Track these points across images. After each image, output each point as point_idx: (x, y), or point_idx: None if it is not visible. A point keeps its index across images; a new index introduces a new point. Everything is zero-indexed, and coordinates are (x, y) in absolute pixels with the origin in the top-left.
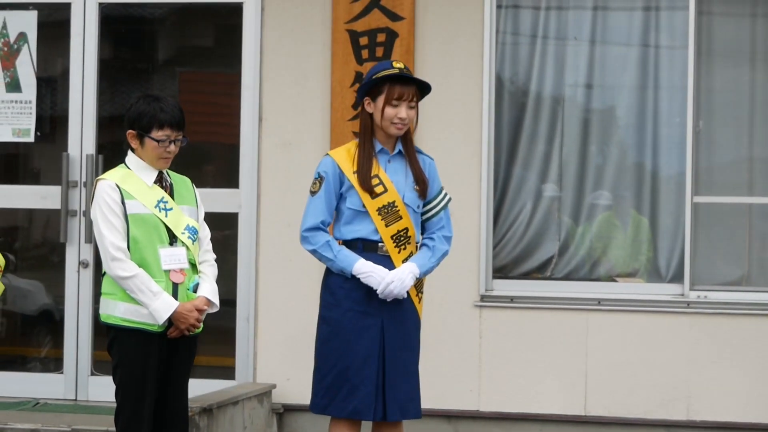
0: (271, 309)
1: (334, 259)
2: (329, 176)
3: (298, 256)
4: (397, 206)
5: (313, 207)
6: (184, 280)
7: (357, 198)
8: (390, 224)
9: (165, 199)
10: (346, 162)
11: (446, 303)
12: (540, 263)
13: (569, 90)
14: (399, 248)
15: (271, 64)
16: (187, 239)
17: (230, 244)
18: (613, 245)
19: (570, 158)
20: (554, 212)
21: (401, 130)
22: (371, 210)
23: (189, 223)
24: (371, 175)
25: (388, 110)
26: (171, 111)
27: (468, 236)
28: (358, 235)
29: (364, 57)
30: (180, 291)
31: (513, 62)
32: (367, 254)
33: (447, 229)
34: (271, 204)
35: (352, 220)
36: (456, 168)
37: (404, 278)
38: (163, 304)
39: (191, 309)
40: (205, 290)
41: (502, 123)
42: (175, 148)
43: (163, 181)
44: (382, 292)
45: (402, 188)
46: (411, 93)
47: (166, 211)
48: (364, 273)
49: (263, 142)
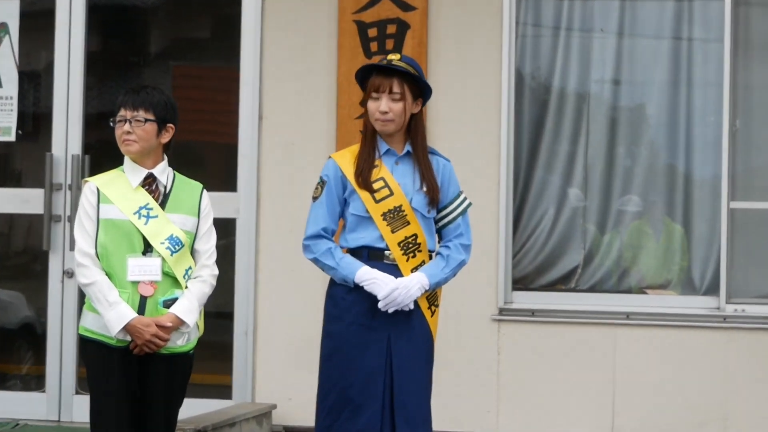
0: (271, 323)
1: (336, 268)
2: (331, 180)
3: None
4: (403, 210)
5: (315, 214)
6: (153, 293)
7: (360, 203)
8: (397, 230)
9: (149, 205)
10: (349, 164)
11: (462, 317)
12: (563, 274)
13: (595, 86)
14: (407, 256)
15: (272, 58)
16: (165, 250)
17: (227, 252)
18: (643, 254)
19: (596, 160)
20: (579, 219)
21: (387, 126)
22: (375, 215)
23: (173, 233)
24: (372, 177)
25: (370, 104)
26: (132, 92)
27: (485, 245)
28: (363, 243)
29: (373, 50)
30: (148, 304)
31: (534, 56)
32: (373, 263)
33: (465, 237)
34: (272, 209)
35: (357, 227)
36: (473, 171)
37: (410, 287)
38: (116, 315)
39: (149, 324)
40: (177, 306)
41: (522, 122)
42: (132, 129)
43: (154, 184)
44: (385, 300)
45: (410, 191)
46: (390, 84)
47: (148, 218)
48: (367, 280)
49: (263, 142)
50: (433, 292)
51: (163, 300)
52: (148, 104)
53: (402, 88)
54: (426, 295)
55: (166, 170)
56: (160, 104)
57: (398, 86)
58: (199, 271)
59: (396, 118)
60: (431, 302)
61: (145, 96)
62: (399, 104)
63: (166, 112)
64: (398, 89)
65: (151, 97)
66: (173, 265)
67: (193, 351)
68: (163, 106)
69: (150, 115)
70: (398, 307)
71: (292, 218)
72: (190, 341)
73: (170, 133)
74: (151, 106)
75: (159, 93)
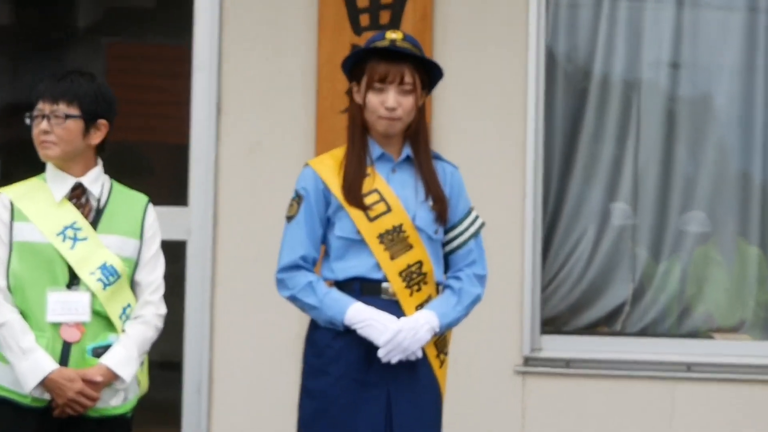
0: (230, 376)
1: (319, 307)
2: (310, 194)
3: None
4: (405, 231)
5: (291, 238)
6: (80, 338)
7: (349, 222)
8: (397, 256)
9: (77, 224)
10: (332, 173)
11: (477, 368)
12: (607, 313)
13: (648, 71)
14: (411, 289)
15: (234, 35)
16: (96, 282)
17: (176, 285)
18: (709, 287)
19: (649, 167)
20: (627, 242)
21: (393, 125)
22: (369, 237)
23: (107, 261)
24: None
25: (371, 97)
26: (53, 80)
27: (507, 275)
28: (354, 273)
29: (364, 24)
30: (73, 353)
31: (570, 32)
32: (367, 298)
33: (479, 266)
34: (233, 230)
35: (345, 254)
36: (490, 181)
37: (417, 329)
38: (31, 365)
39: (73, 378)
40: (110, 356)
41: (554, 118)
42: (51, 127)
43: (84, 197)
44: (387, 348)
45: (412, 206)
46: (401, 73)
47: (74, 240)
48: (360, 322)
49: (223, 143)
50: (442, 337)
51: (92, 347)
52: (71, 95)
53: (414, 78)
54: (434, 340)
55: (99, 179)
56: (88, 95)
57: (410, 75)
58: (140, 310)
59: (405, 116)
60: (440, 349)
61: (68, 85)
62: (410, 98)
63: (96, 105)
64: (410, 79)
65: (77, 86)
66: (106, 301)
67: (131, 413)
68: (92, 97)
69: (74, 109)
70: (404, 355)
71: (258, 242)
72: (128, 401)
73: (103, 132)
74: (76, 98)
75: (88, 81)
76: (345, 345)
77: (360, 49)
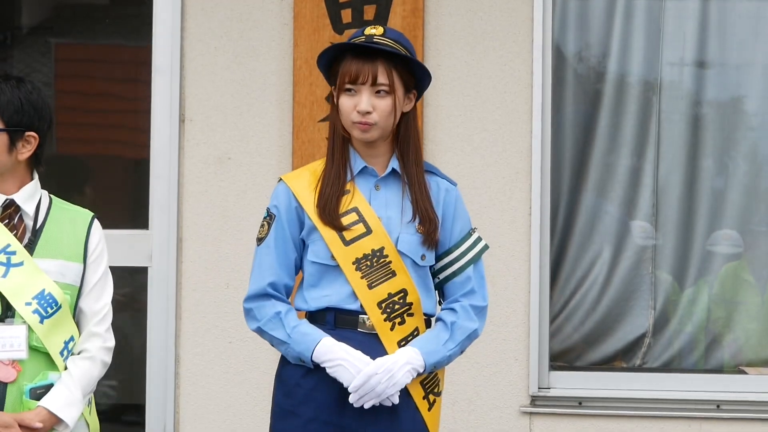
0: (198, 418)
1: (287, 342)
2: (282, 214)
3: (242, 334)
4: (386, 255)
5: (260, 263)
6: (16, 378)
7: (323, 245)
8: (376, 284)
9: (11, 247)
10: (307, 189)
11: (479, 409)
12: (624, 346)
13: (669, 70)
14: (392, 322)
15: (199, 33)
16: (32, 314)
17: (136, 316)
18: (741, 315)
19: (671, 179)
20: (647, 265)
21: (368, 132)
22: (344, 263)
23: (45, 289)
24: (341, 207)
25: (343, 101)
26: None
27: (511, 304)
28: (328, 303)
29: (345, 21)
30: (9, 394)
31: (581, 27)
32: (342, 331)
33: (479, 296)
34: (200, 254)
35: (319, 281)
36: (491, 195)
37: (394, 371)
38: None
39: (9, 424)
40: (50, 398)
41: (563, 123)
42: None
43: (17, 217)
44: (357, 394)
45: (395, 227)
46: (373, 72)
47: (8, 266)
48: (329, 361)
49: (187, 156)
50: (431, 376)
51: (30, 387)
52: (17, 112)
53: (390, 78)
54: (420, 379)
55: (35, 195)
56: (11, 105)
57: (385, 75)
58: (85, 343)
59: (381, 121)
60: (429, 389)
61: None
62: (386, 100)
63: (21, 115)
64: (385, 79)
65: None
66: (45, 335)
67: None
68: (16, 107)
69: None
70: (378, 400)
71: (227, 268)
72: None
73: (33, 145)
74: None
75: (12, 87)
76: (316, 384)
77: (331, 46)
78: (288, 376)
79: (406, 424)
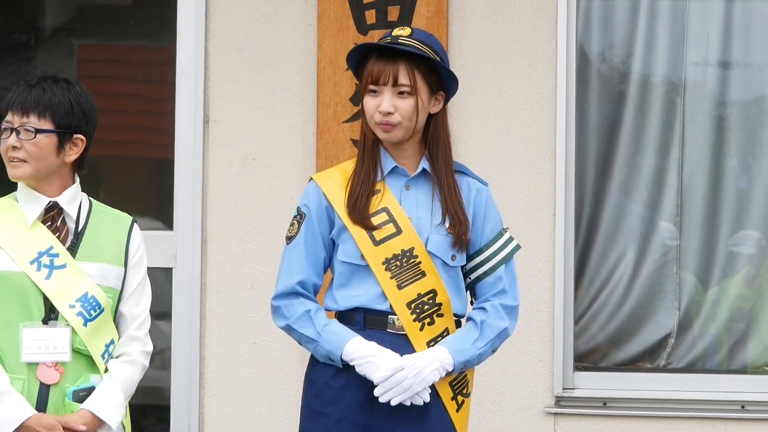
0: (223, 420)
1: (317, 340)
2: (312, 213)
3: (267, 335)
4: (416, 256)
5: (289, 261)
6: (59, 380)
7: (353, 245)
8: (406, 284)
9: (54, 249)
10: (338, 189)
11: (503, 409)
12: (648, 346)
13: (694, 71)
14: (421, 322)
15: (223, 35)
16: (76, 317)
17: (160, 316)
18: (765, 316)
19: (695, 179)
20: (671, 265)
21: (391, 132)
22: (374, 263)
23: (89, 292)
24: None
25: (367, 101)
26: (25, 88)
27: (535, 304)
28: (357, 303)
29: (370, 22)
30: (52, 397)
31: (605, 27)
32: (372, 332)
33: (510, 296)
34: (224, 255)
35: (349, 281)
36: (515, 196)
37: (422, 367)
38: (6, 411)
39: (53, 426)
40: (94, 401)
41: (587, 123)
42: (20, 143)
43: (60, 219)
44: (384, 386)
45: (426, 228)
46: (395, 72)
47: (51, 268)
48: (359, 358)
49: (211, 157)
50: (461, 376)
51: (73, 390)
52: (43, 107)
53: (413, 79)
54: (450, 379)
55: (77, 198)
56: (62, 107)
57: (407, 75)
58: (125, 347)
59: (404, 121)
60: (458, 390)
61: (39, 94)
62: (408, 101)
63: (71, 118)
64: (407, 80)
65: (50, 95)
66: (88, 338)
67: None
68: (66, 109)
69: (45, 122)
70: (405, 398)
71: (252, 268)
72: None
73: (80, 148)
74: (48, 110)
75: (63, 89)
76: (345, 384)
77: (355, 47)
78: (317, 376)
79: (435, 425)
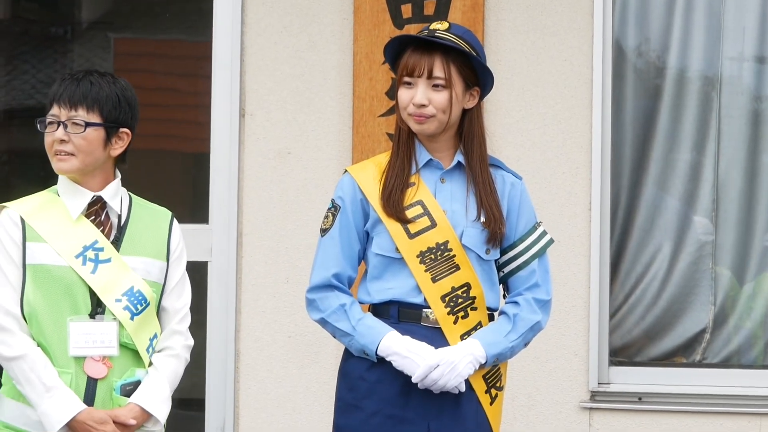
0: (258, 413)
1: (352, 334)
2: (347, 205)
3: (302, 328)
4: (451, 249)
5: (324, 254)
6: (107, 374)
7: (388, 238)
8: (440, 278)
9: (99, 243)
10: (372, 182)
11: (539, 404)
12: (684, 341)
13: (729, 65)
14: (455, 316)
15: (259, 28)
16: (123, 311)
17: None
18: None
19: (732, 174)
20: (707, 260)
21: (425, 125)
22: (409, 256)
23: (134, 286)
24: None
25: (401, 93)
26: (71, 81)
27: (571, 299)
28: (391, 296)
29: (406, 16)
30: (100, 391)
31: (641, 21)
32: (406, 325)
33: (543, 290)
34: (260, 248)
35: (383, 274)
36: (551, 191)
37: (457, 362)
38: (56, 405)
39: (103, 420)
40: (142, 395)
41: (623, 118)
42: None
43: (104, 213)
44: (421, 385)
45: (460, 222)
46: (429, 65)
47: (96, 262)
48: (395, 354)
49: (247, 151)
50: (494, 369)
51: (120, 384)
52: (91, 100)
53: (447, 72)
54: (483, 372)
55: (119, 193)
56: (110, 100)
57: (442, 68)
58: (167, 341)
59: (438, 114)
60: (491, 383)
61: (87, 87)
62: (443, 94)
63: (119, 111)
64: (441, 73)
65: (97, 89)
66: (134, 332)
67: None
68: (114, 103)
69: (94, 116)
70: (441, 389)
71: (287, 262)
72: None
73: (125, 142)
74: (96, 103)
75: (109, 83)
76: (380, 377)
77: (391, 39)
78: (351, 369)
79: (468, 417)
